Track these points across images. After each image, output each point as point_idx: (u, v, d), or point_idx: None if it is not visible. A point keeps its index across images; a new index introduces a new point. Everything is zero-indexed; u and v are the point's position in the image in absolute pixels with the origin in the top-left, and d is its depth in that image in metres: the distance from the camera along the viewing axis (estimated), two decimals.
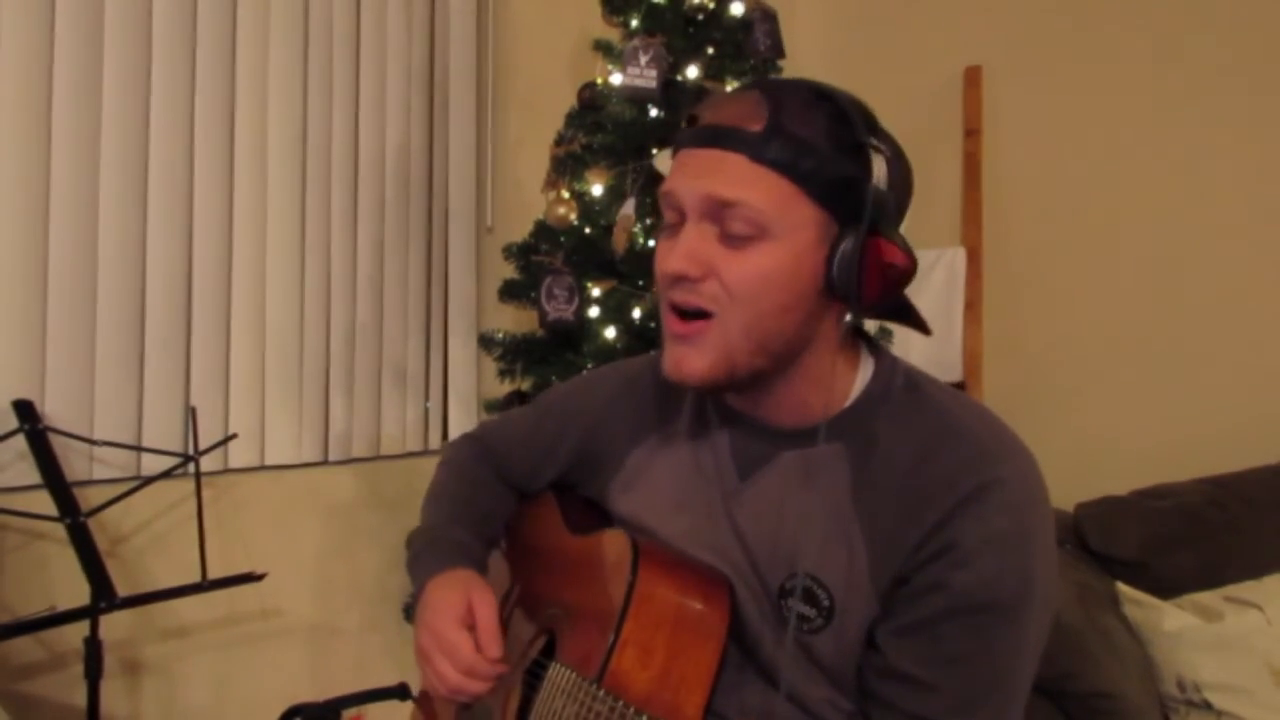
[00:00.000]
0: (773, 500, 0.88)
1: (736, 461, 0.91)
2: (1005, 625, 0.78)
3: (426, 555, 1.02)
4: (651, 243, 1.85)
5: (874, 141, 0.78)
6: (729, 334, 0.80)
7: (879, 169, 0.78)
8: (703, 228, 0.79)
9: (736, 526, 0.89)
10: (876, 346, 0.90)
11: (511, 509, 1.17)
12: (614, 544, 0.94)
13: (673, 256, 0.80)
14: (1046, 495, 0.82)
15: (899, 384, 0.86)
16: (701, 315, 0.80)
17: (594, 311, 1.88)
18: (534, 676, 0.98)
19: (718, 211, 0.78)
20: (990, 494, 0.78)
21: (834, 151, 0.78)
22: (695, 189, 0.79)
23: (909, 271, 0.79)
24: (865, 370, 0.88)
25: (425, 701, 1.20)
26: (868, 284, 0.78)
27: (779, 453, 0.88)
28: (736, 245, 0.79)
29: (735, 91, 0.83)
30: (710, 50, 1.95)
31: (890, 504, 0.81)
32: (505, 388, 2.03)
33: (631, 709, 0.79)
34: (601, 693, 0.82)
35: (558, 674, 0.90)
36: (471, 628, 0.92)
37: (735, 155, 0.78)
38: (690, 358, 0.81)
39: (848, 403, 0.86)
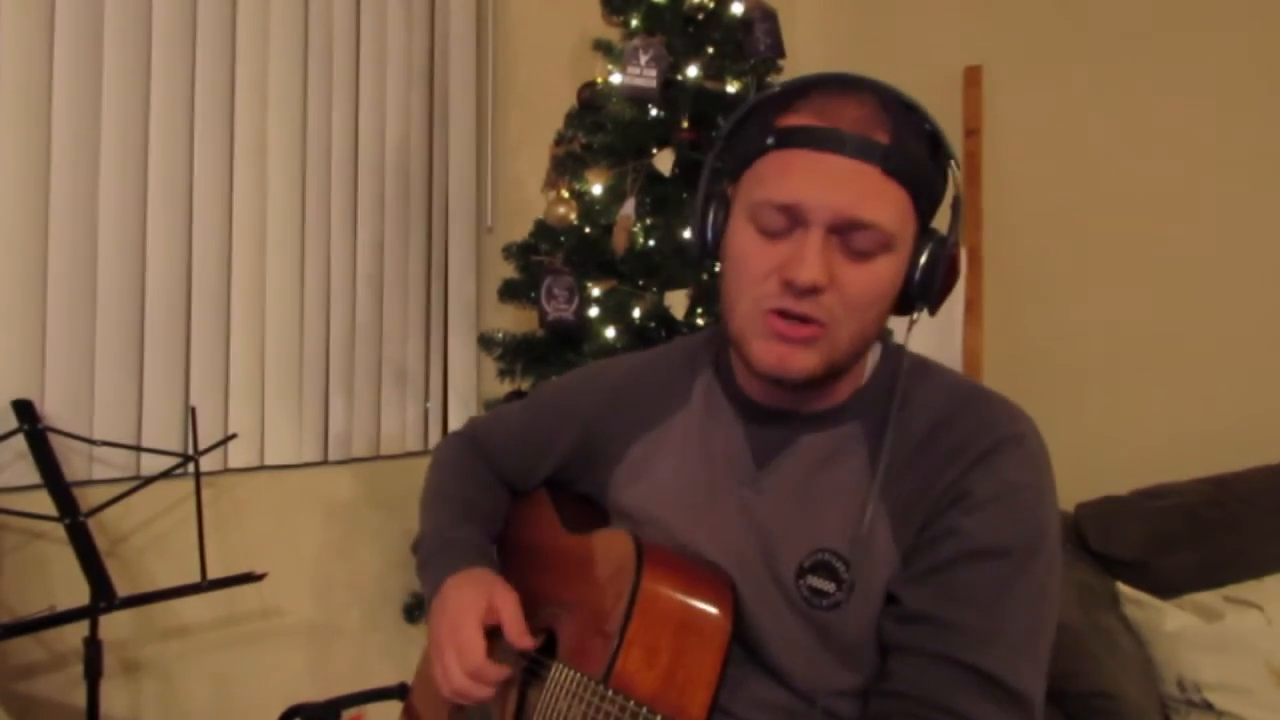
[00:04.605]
0: (793, 484, 0.89)
1: (753, 449, 0.92)
2: (1018, 571, 0.79)
3: (439, 557, 1.02)
4: (652, 242, 1.85)
5: (954, 155, 0.82)
6: (838, 341, 0.81)
7: (954, 180, 0.83)
8: (828, 239, 0.78)
9: (752, 514, 0.90)
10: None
11: (509, 506, 1.16)
12: (616, 542, 0.93)
13: (807, 268, 0.77)
14: (1050, 462, 0.86)
15: (907, 364, 0.89)
16: (812, 321, 0.80)
17: (594, 311, 1.88)
18: (532, 676, 0.98)
19: (848, 228, 0.78)
20: (1006, 449, 0.82)
21: (933, 165, 0.81)
22: (830, 203, 0.77)
23: (955, 280, 0.85)
24: (875, 353, 0.92)
25: (412, 704, 1.19)
26: (943, 289, 0.84)
27: (798, 437, 0.90)
28: (859, 259, 0.79)
29: (841, 90, 0.81)
30: (710, 50, 1.95)
31: (909, 471, 0.84)
32: (505, 388, 2.03)
33: (644, 708, 0.79)
34: (610, 693, 0.82)
35: (561, 674, 0.89)
36: (490, 629, 0.92)
37: (868, 167, 0.77)
38: (799, 356, 0.81)
39: (861, 384, 0.90)
